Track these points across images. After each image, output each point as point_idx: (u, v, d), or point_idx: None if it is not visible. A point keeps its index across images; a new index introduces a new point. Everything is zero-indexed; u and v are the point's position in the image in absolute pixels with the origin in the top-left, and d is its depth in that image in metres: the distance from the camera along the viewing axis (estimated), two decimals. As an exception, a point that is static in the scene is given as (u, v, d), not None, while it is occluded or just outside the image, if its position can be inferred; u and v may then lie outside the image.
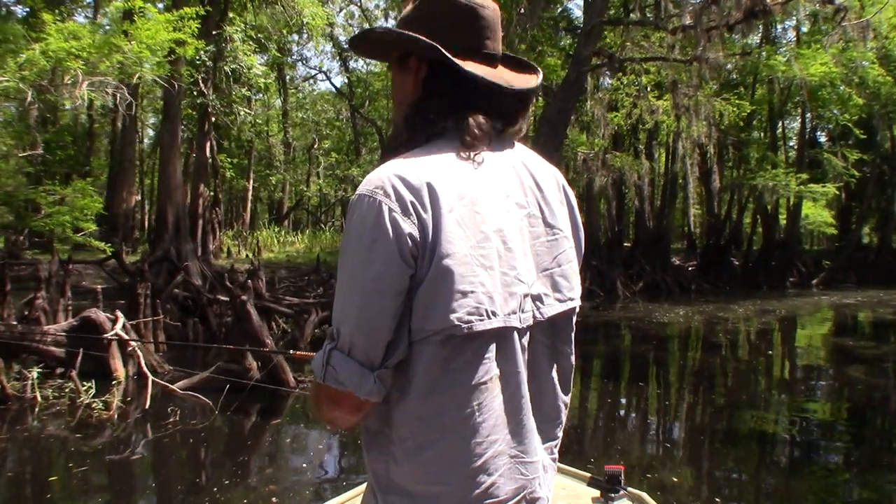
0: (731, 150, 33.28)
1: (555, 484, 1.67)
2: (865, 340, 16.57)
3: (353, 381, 1.34)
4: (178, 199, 15.15)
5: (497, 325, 1.37)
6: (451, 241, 1.32)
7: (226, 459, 7.15)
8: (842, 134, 32.26)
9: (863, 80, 28.14)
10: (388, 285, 1.31)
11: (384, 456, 1.43)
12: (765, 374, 12.36)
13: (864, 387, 11.08)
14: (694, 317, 19.73)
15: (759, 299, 24.98)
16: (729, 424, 8.82)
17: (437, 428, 1.38)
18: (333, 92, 40.40)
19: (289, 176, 35.25)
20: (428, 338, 1.34)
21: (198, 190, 20.24)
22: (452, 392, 1.37)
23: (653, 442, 8.25)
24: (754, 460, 7.39)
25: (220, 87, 19.54)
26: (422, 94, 1.52)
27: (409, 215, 1.31)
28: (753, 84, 31.19)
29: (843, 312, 22.59)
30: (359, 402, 1.37)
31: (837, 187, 31.40)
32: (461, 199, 1.36)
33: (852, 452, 7.71)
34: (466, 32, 1.51)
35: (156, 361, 10.53)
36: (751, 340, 16.23)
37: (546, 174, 1.59)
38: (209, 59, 18.86)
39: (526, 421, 1.46)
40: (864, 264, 34.70)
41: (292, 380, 9.53)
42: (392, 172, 1.36)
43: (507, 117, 1.54)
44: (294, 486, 6.34)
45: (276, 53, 28.22)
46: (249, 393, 9.08)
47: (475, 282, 1.34)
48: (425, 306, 1.33)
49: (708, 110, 20.53)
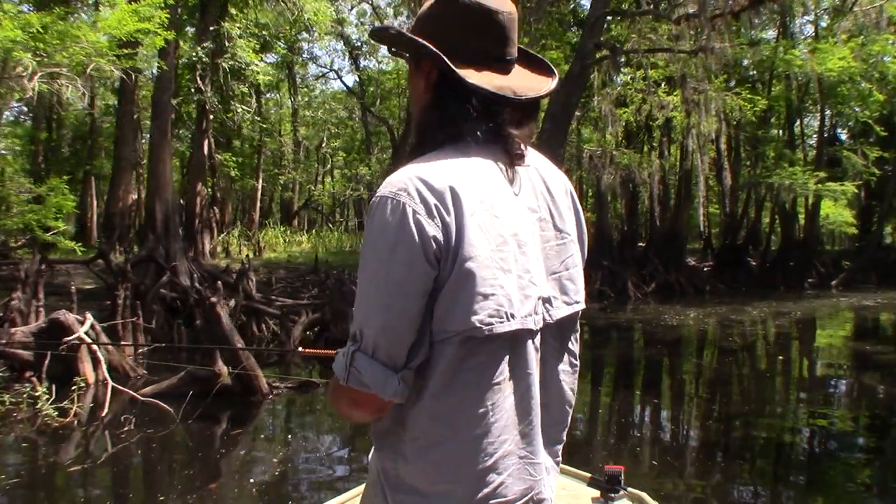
0: (747, 147, 32.54)
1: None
2: (884, 344, 15.86)
3: (378, 382, 1.35)
4: (168, 197, 14.74)
5: (515, 327, 1.38)
6: (472, 244, 1.33)
7: (176, 472, 6.69)
8: (862, 131, 31.53)
9: (883, 75, 27.43)
10: (411, 287, 1.32)
11: (395, 454, 1.44)
12: (773, 380, 11.73)
13: (884, 396, 10.42)
14: (705, 319, 19.09)
15: (775, 301, 24.33)
16: (729, 432, 8.26)
17: (450, 427, 1.39)
18: (345, 91, 40.07)
19: (298, 175, 34.84)
20: (448, 339, 1.35)
21: (195, 188, 19.90)
22: (466, 392, 1.38)
23: (651, 446, 7.69)
24: (759, 469, 6.84)
25: (219, 85, 19.10)
26: (433, 98, 1.51)
27: (433, 218, 1.32)
28: (770, 80, 30.51)
29: (861, 315, 21.94)
30: (381, 403, 1.38)
31: (857, 186, 30.61)
32: (481, 203, 1.37)
33: (867, 464, 7.19)
34: (478, 37, 1.49)
35: (128, 365, 10.13)
36: (761, 345, 15.58)
37: (555, 179, 1.59)
38: (206, 56, 18.50)
39: (535, 422, 1.47)
40: (886, 265, 33.89)
41: (265, 386, 9.07)
42: (414, 175, 1.36)
43: (516, 121, 1.51)
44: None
45: (283, 51, 27.91)
46: (218, 399, 8.64)
47: (496, 284, 1.35)
48: (447, 308, 1.34)
49: (718, 105, 19.82)
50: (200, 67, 18.98)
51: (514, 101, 1.46)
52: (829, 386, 11.39)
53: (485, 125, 1.45)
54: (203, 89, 18.84)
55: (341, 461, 7.15)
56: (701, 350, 15.11)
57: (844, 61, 25.40)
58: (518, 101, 1.47)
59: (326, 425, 8.45)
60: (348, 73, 50.23)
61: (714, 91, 19.59)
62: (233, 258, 20.06)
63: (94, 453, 7.17)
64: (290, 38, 28.92)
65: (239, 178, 31.43)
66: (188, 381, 8.98)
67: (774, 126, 34.86)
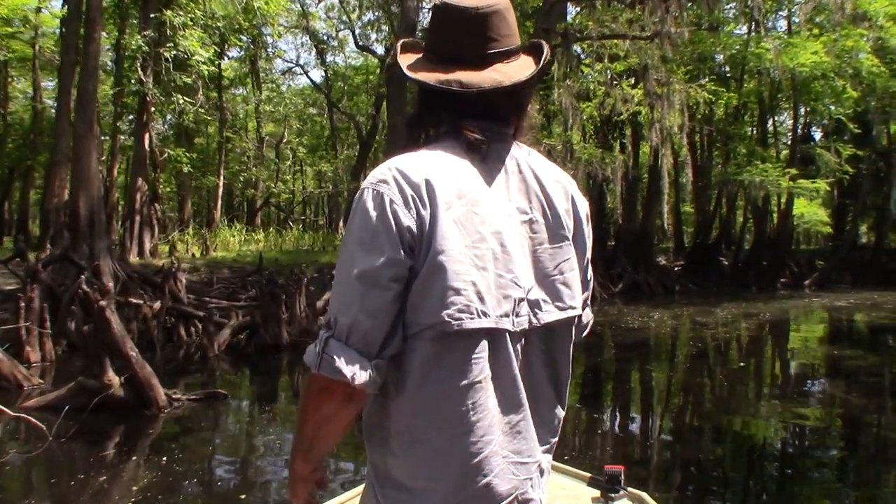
0: (718, 144, 32.01)
1: (555, 484, 2.28)
2: (853, 348, 15.12)
3: (350, 368, 1.33)
4: (94, 193, 13.76)
5: (487, 325, 1.38)
6: (446, 237, 1.36)
7: (32, 499, 5.81)
8: (836, 129, 31.09)
9: (857, 71, 26.91)
10: (387, 275, 1.34)
11: (383, 448, 1.45)
12: (723, 391, 10.96)
13: (847, 409, 9.68)
14: (668, 321, 18.32)
15: (745, 301, 23.76)
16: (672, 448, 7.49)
17: (432, 423, 1.40)
18: (312, 86, 39.14)
19: (259, 172, 33.87)
20: (421, 332, 1.37)
21: (135, 184, 18.95)
22: (445, 389, 1.38)
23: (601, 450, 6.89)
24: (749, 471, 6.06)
25: (161, 75, 18.17)
26: (421, 99, 1.60)
27: (409, 208, 1.36)
28: (741, 75, 29.94)
29: (833, 316, 21.30)
30: (352, 391, 1.37)
31: (830, 184, 30.16)
32: (459, 198, 1.40)
33: (838, 467, 6.61)
34: (446, 36, 1.56)
35: (20, 374, 9.24)
36: (722, 350, 14.80)
37: (554, 182, 1.59)
38: (146, 45, 17.57)
39: (521, 423, 1.47)
40: (860, 264, 33.55)
41: (163, 398, 8.21)
42: (393, 166, 1.42)
43: (501, 117, 1.56)
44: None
45: (240, 43, 27.03)
46: (109, 414, 7.80)
47: (467, 280, 1.36)
48: (418, 300, 1.36)
49: (682, 99, 19.06)
50: (141, 57, 18.06)
51: (467, 94, 1.48)
52: (779, 399, 10.64)
53: (443, 119, 1.52)
54: (144, 80, 17.90)
55: (230, 488, 6.30)
56: (652, 356, 14.30)
57: (817, 56, 24.88)
58: (471, 92, 1.48)
59: (226, 444, 7.59)
60: (314, 68, 49.23)
61: (678, 84, 18.82)
62: (177, 257, 19.14)
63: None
64: (252, 32, 28.00)
65: (199, 174, 30.53)
66: (77, 392, 8.11)
67: (748, 123, 34.38)
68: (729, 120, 30.85)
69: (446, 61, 1.52)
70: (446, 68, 1.51)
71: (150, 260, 18.07)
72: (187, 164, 23.44)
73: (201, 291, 15.00)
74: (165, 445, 7.24)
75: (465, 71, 1.50)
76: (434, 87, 1.49)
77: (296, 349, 12.43)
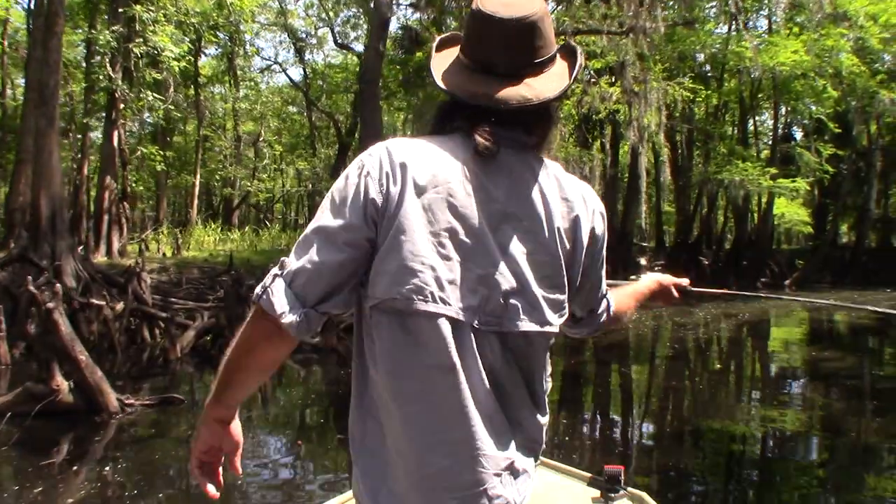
0: (697, 143, 31.88)
1: (555, 484, 2.33)
2: (832, 350, 14.94)
3: (283, 307, 1.38)
4: (56, 191, 13.38)
5: (446, 312, 1.40)
6: (408, 218, 1.39)
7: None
8: (817, 129, 31.01)
9: (837, 70, 26.82)
10: (343, 237, 1.40)
11: (360, 417, 1.50)
12: (703, 392, 10.73)
13: (823, 416, 9.47)
14: (646, 322, 18.08)
15: (725, 301, 23.54)
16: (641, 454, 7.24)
17: (394, 397, 1.43)
18: (290, 84, 38.72)
19: (236, 171, 33.43)
20: (379, 305, 1.41)
21: (104, 182, 18.53)
22: (405, 366, 1.42)
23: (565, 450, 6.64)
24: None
25: (132, 71, 17.78)
26: (448, 102, 1.61)
27: (381, 184, 1.42)
28: (721, 74, 29.83)
29: (812, 316, 21.14)
30: (280, 331, 1.39)
31: (810, 183, 30.10)
32: (434, 186, 1.43)
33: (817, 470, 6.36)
34: (478, 45, 1.55)
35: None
36: (702, 351, 14.59)
37: (567, 199, 1.57)
38: (114, 40, 17.18)
39: (493, 416, 1.47)
40: (841, 264, 33.59)
41: (114, 403, 7.88)
42: (385, 144, 1.49)
43: (524, 128, 1.55)
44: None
45: (215, 39, 26.66)
46: (57, 420, 7.48)
47: (426, 264, 1.39)
48: (375, 273, 1.41)
49: (659, 97, 18.83)
50: (110, 53, 17.66)
51: (496, 108, 1.51)
52: (749, 404, 10.42)
53: (463, 123, 1.52)
54: (112, 76, 17.50)
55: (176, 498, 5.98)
56: (638, 356, 14.08)
57: (797, 55, 24.77)
58: (498, 108, 1.51)
59: (175, 452, 7.26)
60: (293, 66, 48.76)
61: (656, 82, 18.59)
62: (142, 258, 18.76)
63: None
64: (229, 29, 27.60)
65: (176, 173, 30.11)
66: (24, 398, 7.77)
67: (728, 123, 34.31)
68: (709, 119, 30.73)
69: (479, 69, 1.53)
70: (479, 78, 1.53)
71: (119, 260, 17.66)
72: (160, 163, 23.03)
73: (169, 292, 14.65)
74: (110, 454, 6.90)
75: (497, 84, 1.51)
76: (462, 99, 1.53)
77: (262, 351, 12.10)
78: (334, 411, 9.06)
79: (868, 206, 34.07)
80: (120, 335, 12.04)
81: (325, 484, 6.13)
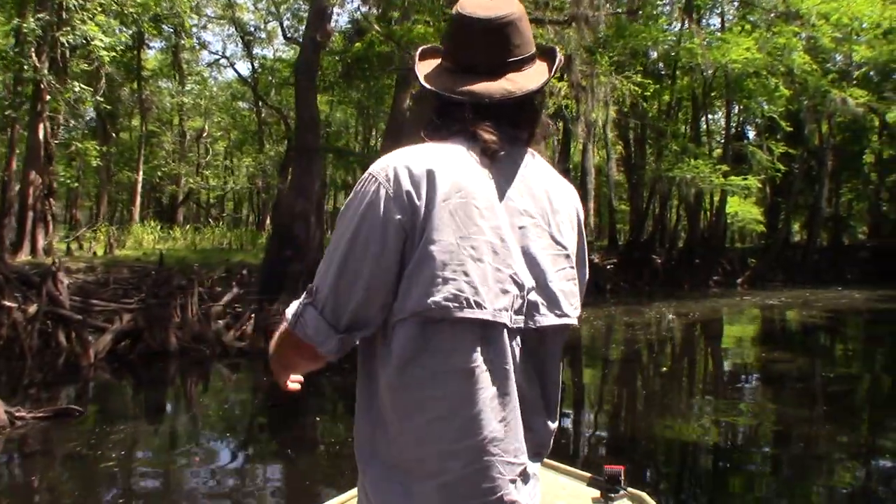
0: (649, 141, 31.76)
1: (555, 484, 2.31)
2: (781, 350, 14.62)
3: (319, 337, 1.42)
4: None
5: (482, 316, 1.39)
6: (439, 228, 1.38)
7: None
8: (769, 128, 31.09)
9: (789, 69, 26.80)
10: (367, 260, 1.38)
11: (370, 426, 1.48)
12: (652, 394, 10.33)
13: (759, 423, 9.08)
14: (594, 322, 17.67)
15: (677, 300, 23.48)
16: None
17: (414, 405, 1.41)
18: (239, 79, 37.86)
19: (180, 168, 32.49)
20: (405, 319, 1.39)
21: (28, 178, 17.63)
22: (428, 372, 1.39)
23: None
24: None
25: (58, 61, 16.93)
26: (436, 106, 1.60)
27: (402, 202, 1.38)
28: (674, 71, 29.68)
29: (764, 315, 21.09)
30: (318, 355, 1.46)
31: (762, 181, 30.18)
32: (458, 190, 1.41)
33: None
34: (460, 47, 1.58)
35: None
36: (643, 352, 14.21)
37: (560, 194, 1.60)
38: (39, 28, 16.32)
39: (512, 422, 1.46)
40: (793, 262, 33.77)
41: (2, 416, 7.19)
42: (400, 158, 1.44)
43: (513, 123, 1.56)
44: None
45: (155, 31, 25.84)
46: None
47: (458, 270, 1.38)
48: (406, 287, 1.38)
49: (607, 91, 18.45)
50: (36, 41, 16.80)
51: (481, 102, 1.51)
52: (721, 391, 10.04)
53: (461, 125, 1.51)
54: (38, 66, 16.64)
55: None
56: (592, 356, 13.68)
57: (749, 52, 24.65)
58: (484, 102, 1.51)
59: (60, 470, 6.60)
60: (241, 60, 47.84)
61: (604, 76, 18.20)
62: (73, 256, 17.95)
63: None
64: (173, 21, 26.75)
65: (118, 169, 29.19)
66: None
67: (681, 121, 34.23)
68: (662, 117, 30.59)
69: (462, 70, 1.56)
70: (461, 78, 1.54)
71: (44, 259, 16.80)
72: (96, 158, 22.14)
73: (92, 293, 13.86)
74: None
75: (480, 81, 1.53)
76: (447, 98, 1.54)
77: (185, 356, 11.43)
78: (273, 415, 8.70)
79: (819, 205, 34.30)
80: (31, 339, 11.24)
81: (275, 491, 6.08)
